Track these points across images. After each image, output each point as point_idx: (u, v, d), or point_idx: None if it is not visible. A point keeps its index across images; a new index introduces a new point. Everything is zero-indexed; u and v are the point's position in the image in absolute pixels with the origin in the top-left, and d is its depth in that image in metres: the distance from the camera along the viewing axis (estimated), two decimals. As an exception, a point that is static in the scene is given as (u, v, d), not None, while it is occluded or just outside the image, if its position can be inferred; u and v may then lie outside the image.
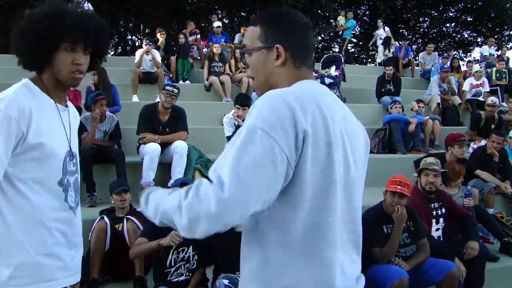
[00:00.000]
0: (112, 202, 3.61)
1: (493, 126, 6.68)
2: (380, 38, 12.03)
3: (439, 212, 3.83)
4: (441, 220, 3.83)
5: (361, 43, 21.61)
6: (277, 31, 1.18)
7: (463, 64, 12.25)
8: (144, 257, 3.28)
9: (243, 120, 4.98)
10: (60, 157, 1.46)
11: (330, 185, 1.07)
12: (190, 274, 3.08)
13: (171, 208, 1.02)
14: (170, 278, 3.04)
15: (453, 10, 19.93)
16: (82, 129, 4.74)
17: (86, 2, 8.71)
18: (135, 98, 7.23)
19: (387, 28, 12.31)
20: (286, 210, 1.05)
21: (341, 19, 12.18)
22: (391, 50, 11.55)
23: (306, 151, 1.02)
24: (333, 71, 8.06)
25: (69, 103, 1.60)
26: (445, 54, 10.40)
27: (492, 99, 7.08)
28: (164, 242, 2.90)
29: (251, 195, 0.96)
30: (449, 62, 9.74)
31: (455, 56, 12.41)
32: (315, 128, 1.03)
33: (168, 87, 4.82)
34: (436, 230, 3.80)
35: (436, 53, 11.35)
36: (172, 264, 3.05)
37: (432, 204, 3.81)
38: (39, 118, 1.39)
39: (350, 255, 1.16)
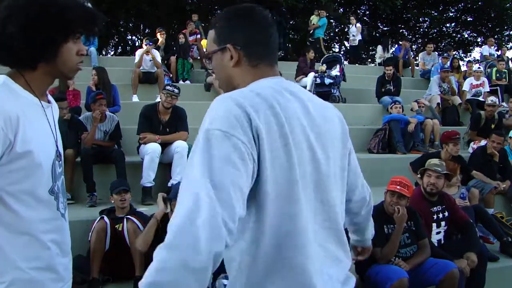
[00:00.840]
0: (112, 202, 3.61)
1: (493, 126, 6.69)
2: (353, 35, 11.68)
3: (441, 215, 3.79)
4: (442, 223, 3.80)
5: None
6: (228, 31, 1.13)
7: (463, 64, 12.26)
8: (145, 256, 3.28)
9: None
10: (49, 164, 1.33)
11: (293, 188, 1.01)
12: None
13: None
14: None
15: (453, 10, 19.91)
16: (82, 128, 4.75)
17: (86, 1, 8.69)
18: (135, 98, 7.23)
19: (358, 25, 11.84)
20: (249, 216, 1.00)
21: (313, 18, 11.66)
22: (391, 51, 11.53)
23: (263, 150, 0.97)
24: (335, 71, 8.03)
25: (49, 96, 1.44)
26: (445, 54, 10.39)
27: (492, 98, 7.08)
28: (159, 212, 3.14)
29: (232, 197, 0.90)
30: (449, 62, 9.74)
31: (455, 56, 12.39)
32: (268, 127, 0.98)
33: (168, 87, 4.82)
34: (437, 233, 3.77)
35: (436, 53, 11.35)
36: None
37: (434, 207, 3.77)
38: (26, 123, 1.24)
39: (333, 254, 1.11)
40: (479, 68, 9.43)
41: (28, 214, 1.27)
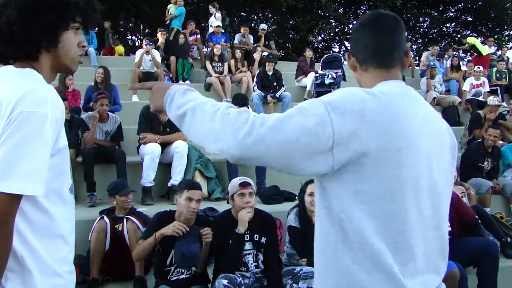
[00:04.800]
0: (115, 202, 3.60)
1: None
2: (211, 26, 10.33)
3: None
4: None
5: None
6: (351, 40, 1.27)
7: (463, 64, 12.23)
8: (144, 257, 3.28)
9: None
10: (69, 160, 1.27)
11: (399, 190, 1.04)
12: (190, 273, 3.08)
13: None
14: (170, 277, 3.04)
15: (453, 10, 19.91)
16: (84, 126, 4.76)
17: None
18: (135, 98, 7.23)
19: (218, 14, 10.38)
20: (355, 212, 1.04)
21: (171, 7, 10.61)
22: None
23: (369, 148, 1.00)
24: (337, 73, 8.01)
25: None
26: (445, 56, 10.35)
27: (493, 100, 6.89)
28: (166, 232, 2.92)
29: (280, 147, 0.98)
30: (449, 62, 9.72)
31: (455, 55, 12.36)
32: (385, 128, 1.02)
33: (168, 87, 4.80)
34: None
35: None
36: (173, 263, 3.04)
37: None
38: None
39: (435, 262, 1.14)
40: (478, 68, 9.42)
41: (58, 215, 1.21)
